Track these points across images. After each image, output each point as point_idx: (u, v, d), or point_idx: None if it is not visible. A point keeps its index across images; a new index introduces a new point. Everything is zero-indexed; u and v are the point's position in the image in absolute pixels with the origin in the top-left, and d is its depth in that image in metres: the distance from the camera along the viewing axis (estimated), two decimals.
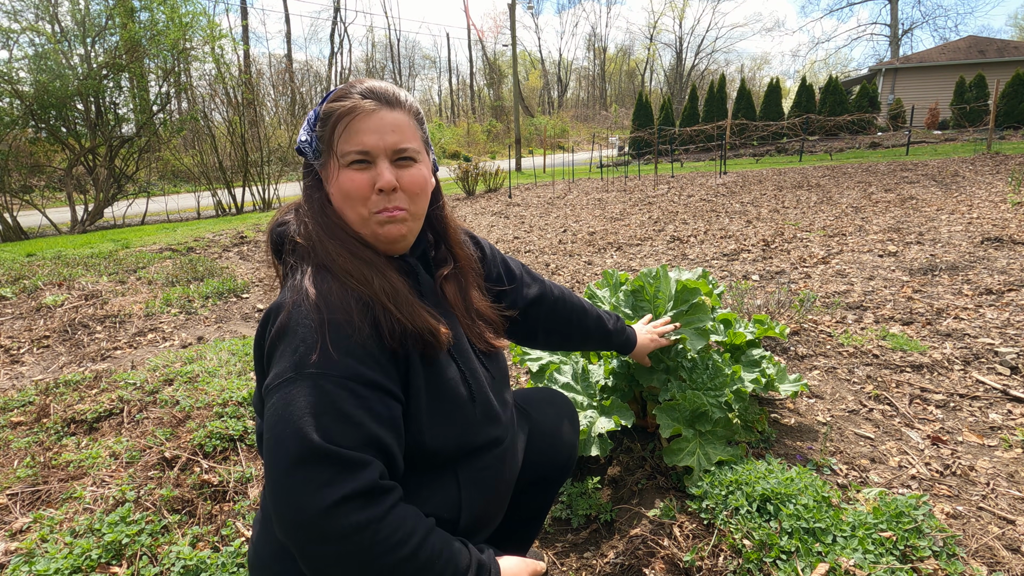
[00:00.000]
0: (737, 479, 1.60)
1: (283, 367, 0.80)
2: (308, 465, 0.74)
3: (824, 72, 50.08)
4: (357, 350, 0.82)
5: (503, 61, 53.82)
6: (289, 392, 0.78)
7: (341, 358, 0.80)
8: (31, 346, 3.55)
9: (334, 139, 0.91)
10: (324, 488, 0.72)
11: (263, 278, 5.39)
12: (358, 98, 0.91)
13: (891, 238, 5.35)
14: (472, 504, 0.98)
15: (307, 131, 0.95)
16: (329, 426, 0.76)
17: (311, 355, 0.79)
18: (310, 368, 0.78)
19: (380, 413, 0.82)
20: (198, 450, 1.99)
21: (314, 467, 0.74)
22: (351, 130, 0.90)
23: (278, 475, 0.75)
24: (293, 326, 0.82)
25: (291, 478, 0.73)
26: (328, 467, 0.74)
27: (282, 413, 0.77)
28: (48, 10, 12.76)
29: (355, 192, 0.91)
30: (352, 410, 0.78)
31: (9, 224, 11.08)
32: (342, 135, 0.90)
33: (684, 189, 10.78)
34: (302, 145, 0.96)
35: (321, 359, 0.79)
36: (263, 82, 24.30)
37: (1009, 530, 1.50)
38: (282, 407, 0.77)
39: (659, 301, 1.90)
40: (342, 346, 0.81)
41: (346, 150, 0.90)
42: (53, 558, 1.46)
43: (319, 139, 0.94)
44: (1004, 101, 17.86)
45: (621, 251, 5.87)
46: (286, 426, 0.76)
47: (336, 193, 0.93)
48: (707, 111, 22.66)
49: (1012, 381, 2.36)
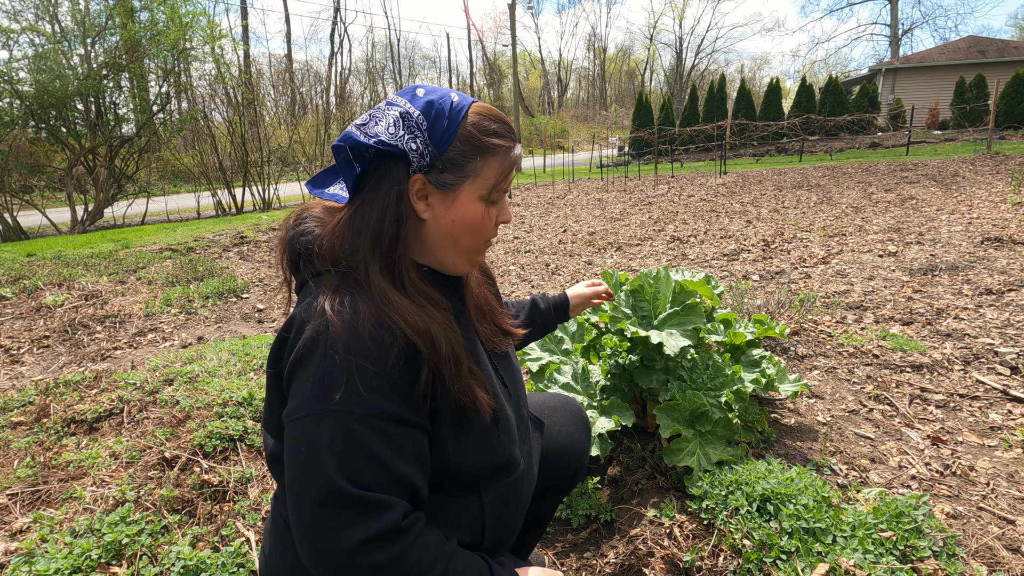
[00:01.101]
0: (737, 479, 1.60)
1: (305, 399, 0.75)
2: (333, 507, 0.72)
3: (824, 72, 50.11)
4: (384, 386, 0.77)
5: (503, 61, 53.85)
6: (313, 429, 0.74)
7: (368, 395, 0.75)
8: (31, 346, 3.55)
9: (480, 170, 0.85)
10: (348, 529, 0.72)
11: (263, 278, 5.39)
12: (514, 139, 0.89)
13: (891, 238, 5.35)
14: (496, 526, 0.97)
15: (406, 136, 0.81)
16: (355, 468, 0.74)
17: (336, 390, 0.74)
18: (336, 405, 0.74)
19: (406, 449, 0.79)
20: (198, 450, 1.99)
21: (339, 509, 0.73)
22: (506, 169, 0.88)
23: (303, 510, 0.73)
24: (319, 355, 0.75)
25: (315, 516, 0.73)
26: (353, 509, 0.73)
27: (305, 451, 0.74)
28: (48, 10, 12.77)
29: (483, 226, 0.89)
30: (379, 450, 0.75)
31: (9, 224, 11.08)
32: (499, 172, 0.87)
33: (684, 189, 10.78)
34: (400, 143, 0.81)
35: (348, 395, 0.74)
36: (263, 82, 24.31)
37: (1009, 530, 1.50)
38: (305, 444, 0.74)
39: (659, 302, 1.90)
40: (370, 382, 0.75)
41: (498, 186, 0.88)
42: (53, 558, 1.46)
43: (450, 160, 0.84)
44: (1004, 101, 17.86)
45: (621, 251, 5.87)
46: (310, 466, 0.73)
47: (456, 220, 0.87)
48: (707, 111, 22.66)
49: (1012, 381, 2.36)
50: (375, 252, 0.81)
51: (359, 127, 0.82)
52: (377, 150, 0.82)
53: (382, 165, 0.83)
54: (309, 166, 15.70)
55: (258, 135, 14.39)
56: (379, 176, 0.83)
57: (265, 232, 8.58)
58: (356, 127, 0.82)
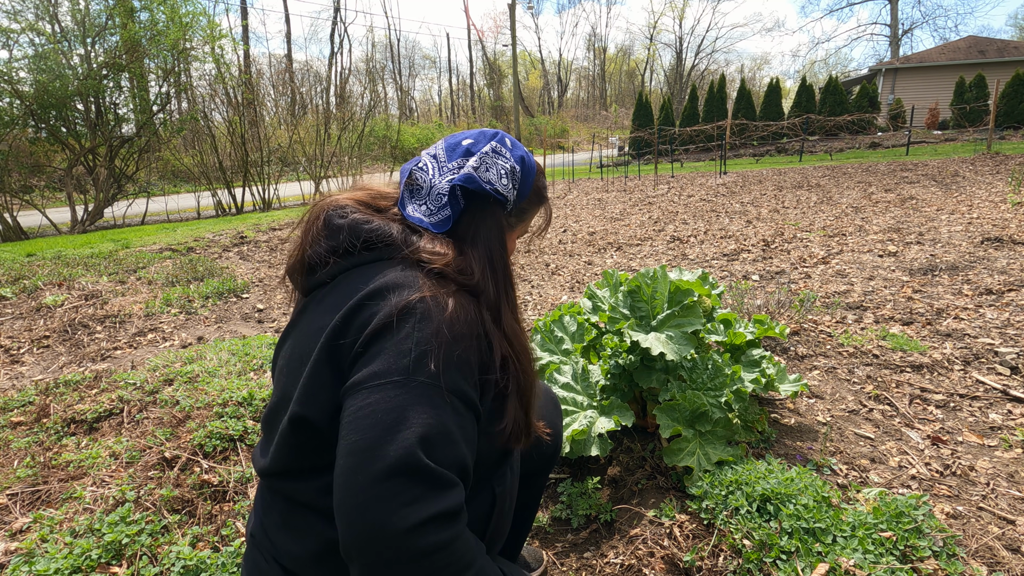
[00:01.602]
0: (737, 479, 1.60)
1: (390, 366, 0.75)
2: (403, 479, 0.69)
3: (824, 72, 50.10)
4: (464, 369, 0.79)
5: (503, 61, 53.85)
6: (397, 397, 0.73)
7: (453, 373, 0.77)
8: (31, 346, 3.55)
9: (531, 217, 1.07)
10: (413, 505, 0.69)
11: (263, 278, 5.39)
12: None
13: (891, 238, 5.35)
14: (499, 518, 0.97)
15: (510, 187, 0.96)
16: (432, 443, 0.72)
17: (426, 363, 0.75)
18: (424, 377, 0.75)
19: (469, 434, 0.79)
20: (198, 450, 1.99)
21: (408, 481, 0.70)
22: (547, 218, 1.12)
23: (366, 482, 0.69)
24: (411, 327, 0.77)
25: (381, 488, 0.69)
26: (422, 484, 0.70)
27: (383, 418, 0.72)
28: (48, 10, 12.77)
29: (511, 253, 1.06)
30: (453, 429, 0.76)
31: (9, 224, 11.08)
32: (539, 219, 1.11)
33: (684, 189, 10.78)
34: (507, 193, 0.96)
35: (436, 370, 0.76)
36: (263, 82, 24.30)
37: (1009, 530, 1.50)
38: (384, 410, 0.73)
39: (656, 302, 1.90)
40: (455, 363, 0.78)
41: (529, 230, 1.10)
42: (53, 558, 1.46)
43: (521, 208, 1.02)
44: (1004, 101, 17.86)
45: (621, 251, 5.87)
46: (388, 434, 0.71)
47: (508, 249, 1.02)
48: (707, 111, 22.66)
49: (1012, 381, 2.36)
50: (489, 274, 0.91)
51: (475, 169, 0.92)
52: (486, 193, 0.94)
53: (490, 206, 0.95)
54: (309, 166, 15.71)
55: (258, 135, 14.40)
56: (485, 212, 0.94)
57: (265, 232, 8.58)
58: (473, 169, 0.92)
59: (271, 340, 3.15)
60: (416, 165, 0.97)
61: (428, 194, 0.93)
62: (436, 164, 0.95)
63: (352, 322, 0.82)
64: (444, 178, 0.93)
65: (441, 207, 0.92)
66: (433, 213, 0.92)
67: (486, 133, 0.98)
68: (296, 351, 0.90)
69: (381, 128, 20.77)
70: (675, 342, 1.71)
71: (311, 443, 0.84)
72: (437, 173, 0.94)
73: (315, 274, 0.94)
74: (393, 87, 47.50)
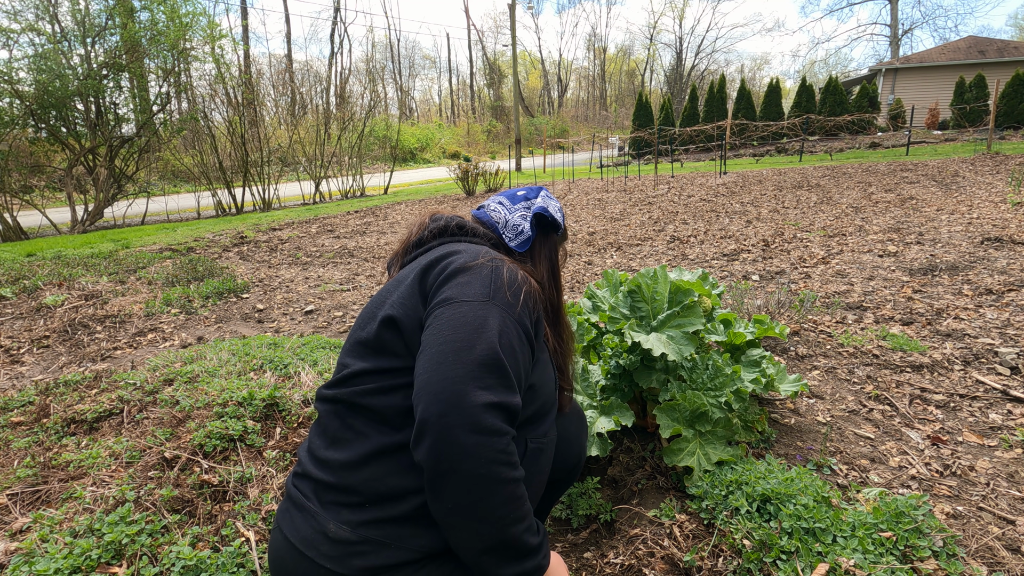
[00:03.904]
0: (737, 479, 1.60)
1: (475, 291, 0.96)
2: (484, 368, 0.87)
3: (824, 72, 50.09)
4: (526, 308, 0.99)
5: (503, 61, 53.82)
6: (482, 310, 0.93)
7: (519, 308, 0.97)
8: (31, 346, 3.55)
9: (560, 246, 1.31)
10: (488, 390, 0.87)
11: (263, 278, 5.39)
12: None
13: (891, 238, 5.35)
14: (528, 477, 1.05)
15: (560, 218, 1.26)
16: (504, 349, 0.91)
17: (504, 292, 0.97)
18: (502, 300, 0.96)
19: (527, 362, 0.98)
20: (198, 450, 1.99)
21: (488, 371, 0.88)
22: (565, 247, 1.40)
23: (460, 364, 0.87)
24: (489, 269, 1.00)
25: (471, 371, 0.87)
26: (496, 375, 0.88)
27: (474, 322, 0.91)
28: (48, 10, 12.75)
29: None
30: (516, 346, 0.94)
31: (9, 224, 11.07)
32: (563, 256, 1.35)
33: (684, 189, 10.78)
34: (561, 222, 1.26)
35: (510, 301, 0.96)
36: (263, 82, 24.25)
37: (1009, 530, 1.50)
38: (474, 317, 0.92)
39: (657, 302, 1.90)
40: (521, 301, 0.98)
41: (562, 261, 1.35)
42: (53, 558, 1.46)
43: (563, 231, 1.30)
44: (1004, 101, 17.85)
45: (621, 251, 5.87)
46: (478, 333, 0.90)
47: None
48: (707, 111, 22.66)
49: (1012, 381, 2.36)
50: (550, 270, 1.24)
51: (543, 207, 1.23)
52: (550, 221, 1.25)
53: (550, 231, 1.26)
54: (309, 166, 15.71)
55: (258, 135, 14.40)
56: (548, 236, 1.26)
57: (265, 232, 8.58)
58: (542, 207, 1.23)
59: (271, 340, 3.15)
60: (488, 208, 1.28)
61: (505, 226, 1.23)
62: (504, 207, 1.26)
63: (442, 261, 1.05)
64: (517, 214, 1.23)
65: (519, 233, 1.21)
66: (512, 239, 1.22)
67: (533, 188, 1.29)
68: (393, 282, 1.11)
69: (381, 128, 20.75)
70: (676, 342, 1.71)
71: (388, 346, 1.01)
72: (508, 212, 1.24)
73: (419, 248, 1.19)
74: (393, 87, 47.48)
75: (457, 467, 0.84)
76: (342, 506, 0.96)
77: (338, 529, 0.93)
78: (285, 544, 0.98)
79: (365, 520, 0.94)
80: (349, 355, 1.08)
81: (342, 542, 0.93)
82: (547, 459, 1.13)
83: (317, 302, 4.45)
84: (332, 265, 6.05)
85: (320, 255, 6.64)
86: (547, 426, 1.12)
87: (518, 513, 0.89)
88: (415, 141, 33.79)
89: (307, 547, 0.94)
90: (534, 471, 1.08)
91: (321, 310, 4.23)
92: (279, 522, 1.03)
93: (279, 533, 1.01)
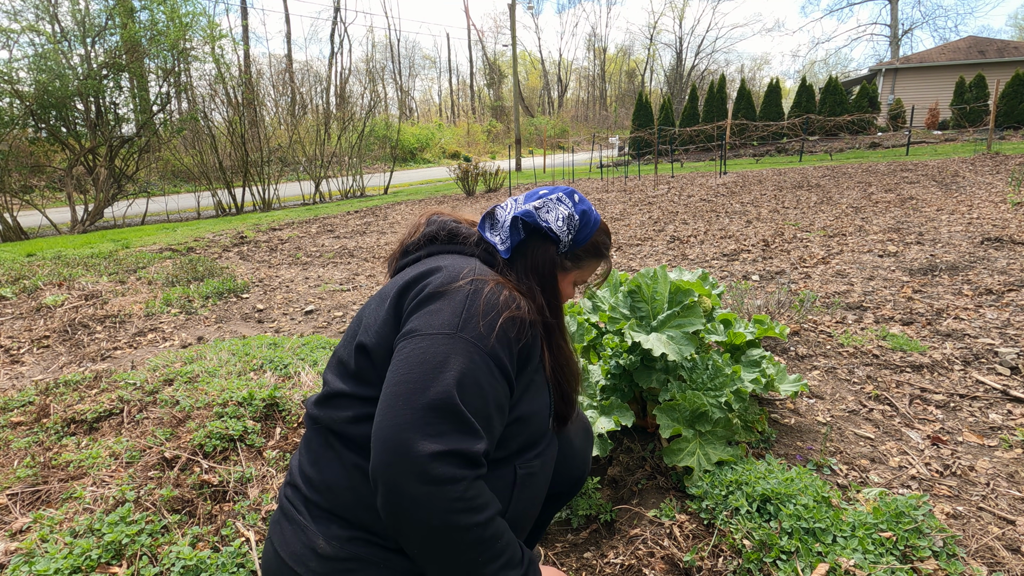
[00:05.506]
0: (737, 479, 1.60)
1: (442, 321, 0.91)
2: (436, 413, 0.83)
3: (824, 72, 50.07)
4: (503, 338, 0.93)
5: (503, 61, 53.82)
6: (444, 346, 0.88)
7: (493, 339, 0.91)
8: (31, 346, 3.55)
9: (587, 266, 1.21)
10: (438, 437, 0.82)
11: (263, 278, 5.39)
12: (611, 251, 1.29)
13: (891, 238, 5.35)
14: (519, 503, 1.05)
15: (565, 230, 1.13)
16: (466, 391, 0.86)
17: (472, 324, 0.91)
18: (468, 335, 0.90)
19: (499, 397, 0.92)
20: (198, 450, 1.99)
21: (441, 416, 0.83)
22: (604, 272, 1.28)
23: (408, 409, 0.84)
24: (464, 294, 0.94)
25: (419, 416, 0.83)
26: (451, 422, 0.84)
27: (432, 359, 0.87)
28: (48, 10, 12.75)
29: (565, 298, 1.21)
30: (485, 385, 0.89)
31: (9, 224, 11.07)
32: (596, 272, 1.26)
33: (684, 189, 10.78)
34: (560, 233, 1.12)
35: (480, 332, 0.90)
36: (263, 82, 24.23)
37: (1009, 530, 1.50)
38: (433, 355, 0.87)
39: (657, 302, 1.90)
40: (496, 331, 0.92)
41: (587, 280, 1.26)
42: (53, 558, 1.46)
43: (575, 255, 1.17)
44: (1004, 101, 17.85)
45: (621, 251, 5.87)
46: (434, 373, 0.86)
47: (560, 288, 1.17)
48: (707, 111, 22.65)
49: (1012, 381, 2.36)
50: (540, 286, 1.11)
51: (536, 210, 1.11)
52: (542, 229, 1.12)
53: (545, 241, 1.13)
54: (309, 166, 15.71)
55: (258, 135, 14.41)
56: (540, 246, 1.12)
57: (265, 232, 8.59)
58: (535, 209, 1.11)
59: (271, 340, 3.15)
60: (499, 205, 1.20)
61: (501, 226, 1.14)
62: (514, 204, 1.16)
63: (420, 281, 1.00)
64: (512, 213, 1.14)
65: (507, 236, 1.11)
66: (503, 241, 1.13)
67: (559, 188, 1.17)
68: (378, 296, 1.09)
69: (381, 128, 20.76)
70: (676, 342, 1.71)
71: (362, 374, 0.99)
72: (511, 211, 1.15)
73: (407, 256, 1.15)
74: (393, 87, 47.47)
75: (410, 518, 0.82)
76: (331, 520, 0.97)
77: (327, 545, 0.94)
78: (276, 559, 0.99)
79: (353, 536, 0.95)
80: (332, 371, 1.08)
81: (330, 559, 0.93)
82: (543, 478, 1.12)
83: (317, 302, 4.45)
84: (332, 265, 6.05)
85: (320, 255, 6.64)
86: (540, 448, 1.11)
87: (488, 554, 0.87)
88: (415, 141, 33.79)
89: (296, 563, 0.95)
90: (526, 495, 1.07)
91: (321, 310, 4.23)
92: (271, 534, 1.04)
93: (271, 546, 1.02)
